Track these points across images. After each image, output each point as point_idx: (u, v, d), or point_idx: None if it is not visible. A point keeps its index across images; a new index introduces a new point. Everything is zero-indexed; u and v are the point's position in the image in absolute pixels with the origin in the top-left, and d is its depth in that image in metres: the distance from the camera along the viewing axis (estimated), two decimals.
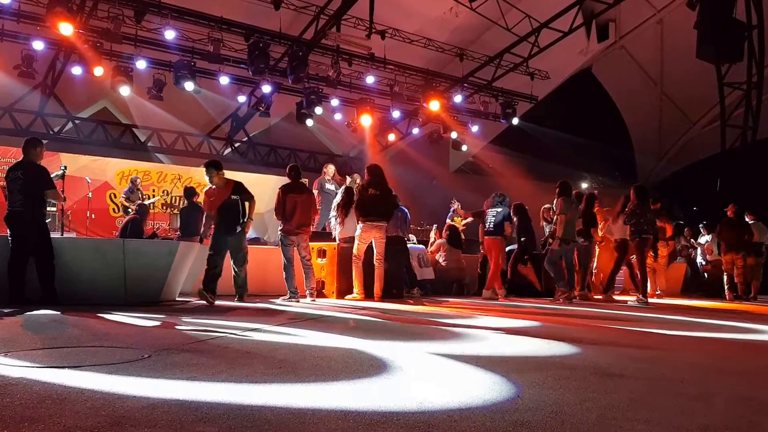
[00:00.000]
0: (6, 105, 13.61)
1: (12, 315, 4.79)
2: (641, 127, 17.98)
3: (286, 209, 7.28)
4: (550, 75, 14.82)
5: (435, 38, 13.19)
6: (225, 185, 6.79)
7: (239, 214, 6.66)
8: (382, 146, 17.69)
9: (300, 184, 7.60)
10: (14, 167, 6.08)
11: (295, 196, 7.33)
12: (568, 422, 1.94)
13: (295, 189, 7.42)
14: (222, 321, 4.79)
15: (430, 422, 1.91)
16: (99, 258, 6.14)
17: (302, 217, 7.31)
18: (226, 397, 2.14)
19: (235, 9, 11.23)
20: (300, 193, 7.41)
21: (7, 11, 10.26)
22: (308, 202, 7.43)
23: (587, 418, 2.00)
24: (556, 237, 8.47)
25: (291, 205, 7.27)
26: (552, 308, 7.25)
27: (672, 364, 3.30)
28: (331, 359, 3.05)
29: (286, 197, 7.30)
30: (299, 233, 7.29)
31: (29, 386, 2.23)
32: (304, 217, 7.34)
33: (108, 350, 3.20)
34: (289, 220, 7.27)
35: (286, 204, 7.28)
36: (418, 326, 4.96)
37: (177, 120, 15.27)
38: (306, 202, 7.39)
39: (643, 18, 14.42)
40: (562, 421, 1.95)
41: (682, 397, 2.38)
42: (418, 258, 9.33)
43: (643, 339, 4.49)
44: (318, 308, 6.37)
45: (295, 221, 7.25)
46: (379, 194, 7.65)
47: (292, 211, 7.26)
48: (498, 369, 2.79)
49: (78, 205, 12.10)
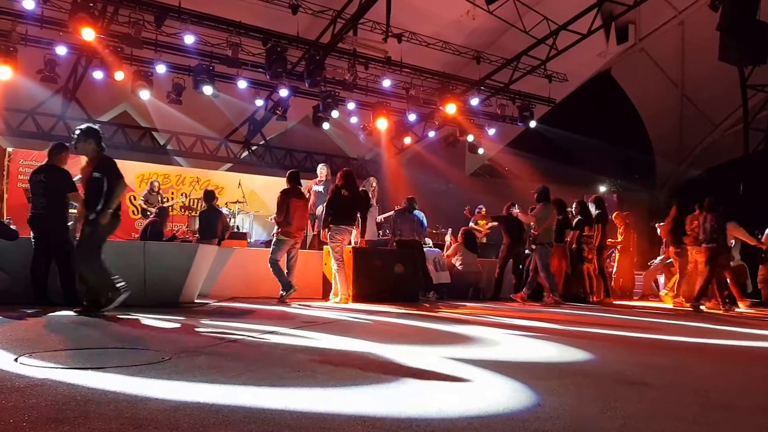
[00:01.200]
0: (29, 109, 13.87)
1: (35, 316, 4.87)
2: (661, 130, 17.73)
3: (289, 212, 7.53)
4: (568, 77, 14.69)
5: (452, 41, 13.16)
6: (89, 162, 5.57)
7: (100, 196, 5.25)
8: (398, 149, 17.69)
9: (299, 189, 7.87)
10: (38, 170, 6.18)
11: (296, 201, 7.64)
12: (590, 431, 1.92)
13: (296, 194, 7.72)
14: (239, 323, 4.83)
15: (451, 429, 1.90)
16: (120, 260, 6.21)
17: (301, 221, 7.68)
18: (246, 401, 2.15)
19: (253, 14, 11.33)
20: (299, 197, 7.74)
21: (30, 17, 10.46)
22: (305, 207, 7.85)
23: (609, 427, 1.97)
24: (538, 242, 8.58)
25: (293, 208, 7.56)
26: (571, 314, 7.18)
27: (694, 373, 3.25)
28: (349, 363, 3.05)
29: (289, 200, 7.56)
30: (297, 236, 7.63)
31: (54, 387, 2.27)
32: (302, 221, 7.72)
33: (129, 352, 3.24)
34: (290, 222, 7.53)
35: (290, 207, 7.54)
36: (435, 331, 4.94)
37: (196, 123, 15.42)
38: (304, 207, 7.80)
39: (663, 19, 14.22)
40: (585, 430, 1.94)
41: (706, 407, 2.34)
42: (434, 262, 9.30)
43: (664, 346, 4.43)
44: (333, 311, 6.38)
45: (295, 224, 7.55)
46: (351, 196, 7.80)
47: (293, 215, 7.55)
48: (517, 375, 2.77)
49: None
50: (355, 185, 7.92)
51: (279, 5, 11.08)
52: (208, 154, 16.50)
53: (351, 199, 7.71)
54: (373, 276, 7.92)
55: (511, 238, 9.31)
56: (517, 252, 9.43)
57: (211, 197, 9.73)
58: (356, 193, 7.89)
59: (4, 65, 10.69)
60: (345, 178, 7.82)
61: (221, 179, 15.26)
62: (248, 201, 12.85)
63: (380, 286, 7.83)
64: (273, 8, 11.08)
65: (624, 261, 11.03)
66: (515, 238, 9.31)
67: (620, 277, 11.08)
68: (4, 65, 10.68)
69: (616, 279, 10.95)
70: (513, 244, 9.30)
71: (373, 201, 9.40)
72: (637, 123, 17.36)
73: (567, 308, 8.06)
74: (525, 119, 14.82)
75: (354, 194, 7.81)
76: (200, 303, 6.70)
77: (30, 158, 13.05)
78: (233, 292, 7.81)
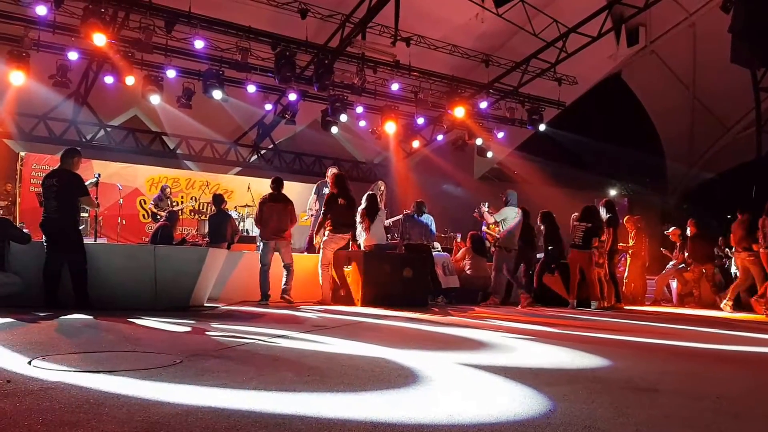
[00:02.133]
0: (41, 113, 14.02)
1: (47, 319, 4.91)
2: (672, 133, 17.59)
3: (263, 217, 7.84)
4: (578, 80, 14.64)
5: (460, 44, 13.16)
6: None
7: None
8: (407, 153, 17.70)
9: (279, 195, 8.03)
10: (50, 175, 6.25)
11: (272, 204, 7.86)
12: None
13: (272, 198, 7.96)
14: (250, 327, 4.84)
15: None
16: (131, 263, 6.27)
17: (278, 224, 7.83)
18: (257, 405, 2.16)
19: (262, 18, 11.40)
20: (276, 202, 7.93)
21: (43, 23, 10.59)
22: (285, 211, 7.93)
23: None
24: (497, 245, 8.74)
25: (268, 213, 7.82)
26: (582, 319, 7.14)
27: (708, 379, 3.21)
28: (359, 368, 3.05)
29: (264, 206, 7.90)
30: (276, 239, 7.77)
31: (67, 390, 2.28)
32: (280, 223, 7.85)
33: (141, 355, 3.26)
34: (265, 226, 7.82)
35: (264, 212, 7.86)
36: (445, 335, 4.93)
37: (205, 128, 15.53)
38: (282, 211, 7.90)
39: (674, 22, 14.13)
40: None
41: (720, 414, 2.32)
42: (443, 266, 9.27)
43: (677, 352, 4.39)
44: (343, 315, 6.38)
45: (270, 227, 7.79)
46: (346, 203, 8.03)
47: (269, 219, 7.79)
48: (528, 381, 2.76)
49: (109, 211, 12.39)
50: (348, 190, 8.17)
51: (288, 10, 11.14)
52: (217, 158, 16.60)
53: (347, 207, 8.02)
54: (381, 280, 7.91)
55: (522, 242, 9.27)
56: (528, 257, 9.39)
57: (221, 201, 9.78)
58: (351, 200, 8.14)
59: (17, 70, 10.84)
60: (338, 185, 8.08)
61: (230, 183, 15.36)
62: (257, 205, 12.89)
63: (389, 291, 7.81)
64: (282, 13, 11.14)
65: (635, 266, 10.94)
66: (526, 242, 9.27)
67: (631, 282, 10.97)
68: (17, 70, 10.84)
69: (627, 284, 10.86)
70: (524, 248, 9.27)
71: (381, 205, 9.40)
72: (647, 126, 17.24)
73: (578, 313, 8.01)
74: (534, 122, 14.77)
75: (349, 201, 8.08)
76: (210, 306, 6.73)
77: (42, 162, 13.19)
78: (243, 295, 7.84)
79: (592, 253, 8.82)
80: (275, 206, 7.87)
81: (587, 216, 8.90)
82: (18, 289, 5.72)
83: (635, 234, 10.87)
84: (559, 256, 9.39)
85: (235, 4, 11.02)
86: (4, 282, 5.66)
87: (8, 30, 10.88)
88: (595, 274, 8.87)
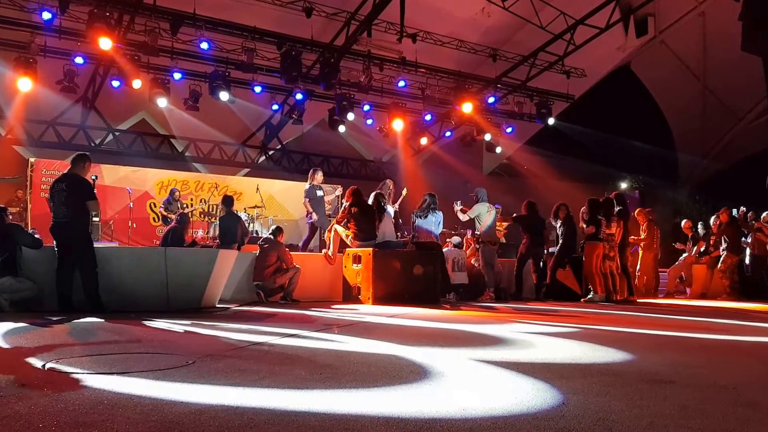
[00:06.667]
0: (50, 119, 14.13)
1: (60, 323, 4.95)
2: (683, 124, 17.41)
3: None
4: (586, 73, 14.53)
5: (467, 39, 13.10)
6: None
7: None
8: (415, 150, 17.66)
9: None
10: (59, 179, 6.27)
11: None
12: (616, 430, 1.89)
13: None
14: (261, 327, 4.85)
15: (474, 429, 1.88)
16: (142, 266, 6.30)
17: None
18: (270, 403, 2.16)
19: (268, 18, 11.42)
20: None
21: (49, 28, 10.67)
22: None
23: (636, 425, 1.93)
24: (480, 240, 8.96)
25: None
26: (595, 312, 7.09)
27: (724, 371, 3.17)
28: (371, 365, 3.04)
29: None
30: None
31: (81, 392, 2.30)
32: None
33: (153, 357, 3.28)
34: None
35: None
36: (457, 331, 4.91)
37: (213, 130, 15.58)
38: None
39: (683, 11, 13.98)
40: (610, 428, 1.90)
41: (736, 404, 2.29)
42: (453, 262, 9.25)
43: (693, 344, 4.34)
44: (354, 313, 6.39)
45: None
46: (366, 217, 8.20)
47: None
48: (541, 375, 2.74)
49: (120, 214, 12.46)
50: (364, 203, 8.34)
51: (293, 9, 11.15)
52: (225, 160, 16.66)
53: (368, 218, 8.20)
54: (392, 278, 7.90)
55: (531, 237, 9.23)
56: (537, 252, 9.34)
57: (230, 202, 9.80)
58: (370, 212, 8.30)
59: (25, 77, 10.92)
60: (355, 198, 8.22)
61: (239, 185, 15.39)
62: (266, 206, 12.94)
63: (400, 288, 7.80)
64: (287, 12, 11.15)
65: (647, 258, 10.85)
66: (534, 237, 9.23)
67: (644, 274, 10.89)
68: (24, 77, 10.91)
69: (639, 277, 10.77)
70: (532, 243, 9.23)
71: (389, 202, 9.39)
72: (658, 117, 17.09)
73: (591, 307, 7.95)
74: (543, 116, 14.69)
75: (368, 215, 8.25)
76: (222, 307, 6.76)
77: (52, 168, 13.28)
78: (254, 296, 7.86)
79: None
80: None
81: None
82: (31, 294, 5.76)
83: (647, 226, 10.78)
84: (571, 251, 9.34)
85: (239, 5, 11.05)
86: (17, 287, 5.70)
87: (15, 36, 10.99)
88: (597, 267, 8.78)
